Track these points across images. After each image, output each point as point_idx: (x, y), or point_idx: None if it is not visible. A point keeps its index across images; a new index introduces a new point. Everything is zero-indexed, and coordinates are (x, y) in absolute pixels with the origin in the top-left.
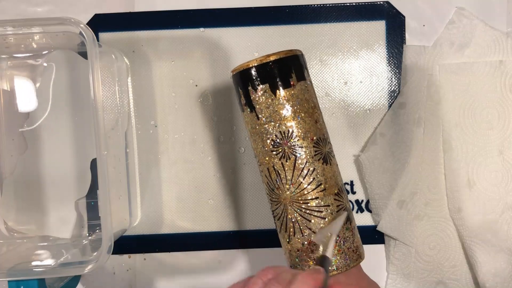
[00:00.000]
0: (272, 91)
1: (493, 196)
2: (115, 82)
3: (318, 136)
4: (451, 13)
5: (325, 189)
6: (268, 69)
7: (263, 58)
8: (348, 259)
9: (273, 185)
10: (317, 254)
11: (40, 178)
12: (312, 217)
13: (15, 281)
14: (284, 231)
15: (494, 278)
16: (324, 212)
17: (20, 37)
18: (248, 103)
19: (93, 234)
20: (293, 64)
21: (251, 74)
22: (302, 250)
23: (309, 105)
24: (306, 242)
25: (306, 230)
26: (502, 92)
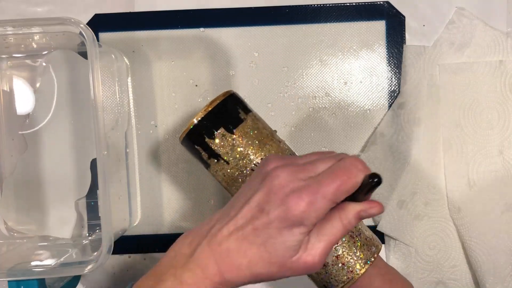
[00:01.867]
0: (229, 132)
1: (493, 196)
2: (115, 82)
3: (288, 154)
4: (451, 13)
5: None
6: (215, 115)
7: (205, 108)
8: (371, 248)
9: None
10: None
11: (40, 178)
12: None
13: (15, 281)
14: None
15: (494, 278)
16: None
17: (20, 37)
18: (211, 154)
19: (93, 234)
20: (234, 101)
21: (202, 126)
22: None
23: (267, 131)
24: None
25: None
26: (502, 92)
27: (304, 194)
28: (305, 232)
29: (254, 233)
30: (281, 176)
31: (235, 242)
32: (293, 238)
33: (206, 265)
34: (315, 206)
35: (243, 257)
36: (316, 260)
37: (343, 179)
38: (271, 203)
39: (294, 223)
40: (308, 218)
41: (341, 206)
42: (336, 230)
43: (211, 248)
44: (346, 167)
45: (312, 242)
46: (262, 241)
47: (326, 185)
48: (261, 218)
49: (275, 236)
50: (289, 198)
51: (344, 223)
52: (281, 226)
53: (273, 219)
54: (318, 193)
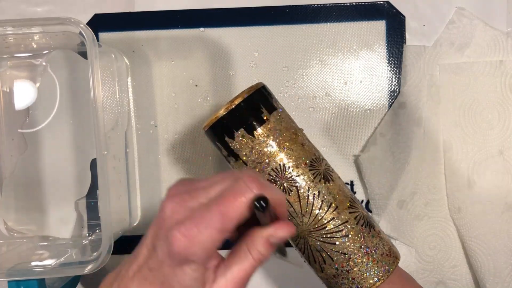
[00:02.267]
0: (249, 133)
1: (493, 196)
2: (115, 82)
3: (311, 158)
4: (451, 13)
5: (337, 206)
6: (237, 114)
7: (228, 105)
8: (386, 265)
9: None
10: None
11: (40, 178)
12: (335, 239)
13: (15, 281)
14: (314, 262)
15: (494, 278)
16: (345, 229)
17: (20, 37)
18: (230, 153)
19: (93, 234)
20: (259, 99)
21: (222, 124)
22: (338, 275)
23: (290, 132)
24: (339, 265)
25: (334, 254)
26: (502, 92)
27: (183, 227)
28: (197, 268)
29: (151, 274)
30: (168, 207)
31: (138, 284)
32: (187, 277)
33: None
34: (198, 239)
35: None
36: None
37: (229, 204)
38: (159, 239)
39: (181, 260)
40: (194, 254)
41: (248, 235)
42: (245, 264)
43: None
44: (237, 190)
45: (218, 282)
46: (160, 282)
47: (210, 213)
48: (153, 257)
49: (170, 276)
50: (170, 232)
51: (253, 254)
52: (172, 265)
53: (162, 257)
54: (200, 224)
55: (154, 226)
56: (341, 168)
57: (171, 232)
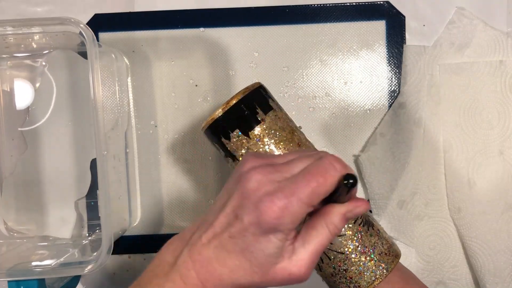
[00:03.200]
0: (245, 134)
1: (493, 196)
2: (115, 82)
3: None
4: (451, 13)
5: None
6: (232, 115)
7: (224, 105)
8: (384, 264)
9: None
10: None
11: (40, 178)
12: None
13: (15, 281)
14: None
15: (494, 278)
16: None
17: (20, 37)
18: (227, 154)
19: (93, 234)
20: (255, 99)
21: (218, 125)
22: (336, 274)
23: (286, 132)
24: (336, 264)
25: (331, 254)
26: (502, 92)
27: (277, 198)
28: (282, 238)
29: (231, 241)
30: (254, 178)
31: (214, 251)
32: (271, 245)
33: (187, 275)
34: (289, 210)
35: (223, 267)
36: (303, 271)
37: (319, 180)
38: (245, 209)
39: (269, 229)
40: (283, 224)
41: (325, 211)
42: (322, 237)
43: (192, 257)
44: (323, 167)
45: (297, 252)
46: (240, 249)
47: (300, 187)
48: (236, 225)
49: (253, 244)
50: (261, 202)
51: (330, 228)
52: (256, 233)
53: (247, 225)
54: (292, 196)
55: (236, 196)
56: None
57: (263, 202)
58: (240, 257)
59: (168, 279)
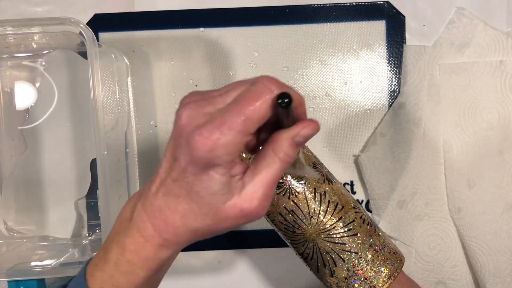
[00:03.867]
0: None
1: (493, 196)
2: (115, 82)
3: (312, 161)
4: (451, 13)
5: (343, 206)
6: None
7: None
8: (395, 262)
9: (292, 227)
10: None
11: (40, 178)
12: (345, 239)
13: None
14: (323, 266)
15: (494, 278)
16: (353, 229)
17: (20, 37)
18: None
19: (93, 234)
20: None
21: None
22: (350, 276)
23: None
24: (350, 266)
25: (345, 254)
26: (502, 92)
27: (205, 130)
28: (224, 172)
29: (175, 185)
30: (184, 114)
31: (163, 199)
32: (213, 182)
33: (144, 228)
34: (221, 141)
35: (174, 213)
36: (254, 205)
37: (252, 105)
38: (179, 148)
39: (205, 164)
40: (218, 156)
41: (272, 139)
42: (273, 167)
43: (145, 210)
44: (256, 91)
45: (247, 186)
46: (186, 192)
47: (232, 115)
48: (176, 167)
49: (195, 184)
50: (191, 138)
51: (280, 156)
52: (195, 171)
53: (185, 165)
54: (222, 126)
55: (172, 138)
56: (341, 168)
57: (192, 137)
58: (188, 200)
59: (127, 235)
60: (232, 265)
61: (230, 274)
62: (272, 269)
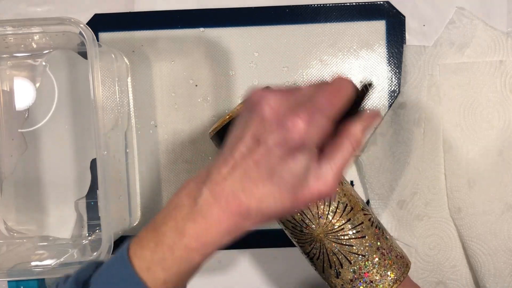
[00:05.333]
0: None
1: (493, 196)
2: (115, 82)
3: None
4: (451, 13)
5: (352, 208)
6: None
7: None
8: (401, 267)
9: (300, 226)
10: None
11: (40, 178)
12: (352, 240)
13: (15, 281)
14: (329, 267)
15: (494, 278)
16: (361, 231)
17: (20, 37)
18: None
19: (93, 234)
20: None
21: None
22: (356, 278)
23: None
24: (356, 268)
25: (352, 256)
26: (502, 92)
27: (302, 112)
28: (309, 156)
29: (256, 168)
30: (272, 100)
31: (238, 182)
32: (298, 164)
33: (211, 214)
34: (314, 123)
35: (250, 197)
36: (329, 186)
37: (335, 92)
38: (267, 130)
39: (296, 146)
40: (310, 138)
41: (344, 129)
42: (346, 152)
43: (214, 195)
44: (336, 83)
45: (324, 169)
46: (267, 175)
47: (320, 101)
48: (259, 150)
49: (279, 166)
50: (285, 119)
51: (352, 141)
52: (282, 154)
53: (272, 146)
54: (314, 109)
55: (255, 122)
56: None
57: (288, 119)
58: (268, 183)
59: (188, 220)
60: (232, 265)
61: (230, 274)
62: (272, 269)
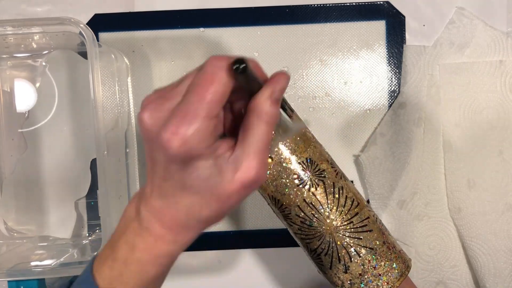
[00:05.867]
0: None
1: (493, 196)
2: (115, 82)
3: (328, 157)
4: (451, 13)
5: (359, 203)
6: None
7: None
8: (405, 261)
9: (310, 220)
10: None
11: (40, 178)
12: (361, 234)
13: (15, 281)
14: (338, 262)
15: (494, 278)
16: (368, 225)
17: (20, 37)
18: None
19: (93, 234)
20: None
21: None
22: (365, 272)
23: (307, 131)
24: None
25: (361, 249)
26: (502, 92)
27: (172, 126)
28: (206, 159)
29: (167, 184)
30: (146, 116)
31: (161, 199)
32: (201, 170)
33: (152, 228)
34: (189, 132)
35: (177, 210)
36: (252, 175)
37: (209, 88)
38: (154, 150)
39: (184, 159)
40: (193, 147)
41: (251, 105)
42: (260, 130)
43: (149, 211)
44: (207, 73)
45: (239, 158)
46: (180, 188)
47: (192, 104)
48: (159, 168)
49: (185, 177)
50: (160, 138)
51: (263, 118)
52: (180, 167)
53: (166, 164)
54: (186, 117)
55: (144, 142)
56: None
57: (161, 137)
58: (185, 194)
59: (136, 234)
60: (232, 265)
61: (230, 274)
62: (272, 269)
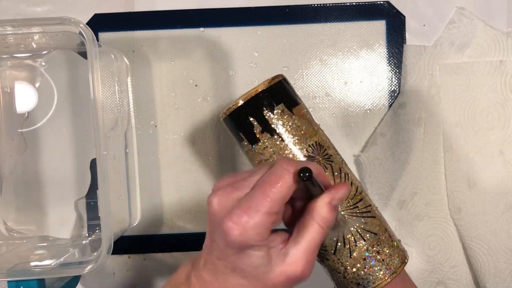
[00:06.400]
0: (289, 109)
1: (493, 196)
2: (115, 82)
3: (332, 144)
4: (452, 13)
5: (362, 190)
6: (277, 90)
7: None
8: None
9: None
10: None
11: (40, 178)
12: (366, 219)
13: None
14: (343, 246)
15: (494, 278)
16: (371, 211)
17: (20, 37)
18: (266, 128)
19: (93, 234)
20: (290, 86)
21: (264, 98)
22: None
23: (314, 120)
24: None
25: (367, 234)
26: (503, 92)
27: (235, 216)
28: (259, 250)
29: (220, 263)
30: (214, 201)
31: (212, 274)
32: (253, 258)
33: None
34: (250, 224)
35: (225, 287)
36: (299, 269)
37: (274, 187)
38: (215, 232)
39: (240, 246)
40: (251, 238)
41: (310, 207)
42: (313, 232)
43: (198, 281)
44: (275, 174)
45: (290, 253)
46: (231, 269)
47: (256, 199)
48: (216, 248)
49: (238, 262)
50: (223, 224)
51: (319, 221)
52: (234, 251)
53: (223, 247)
54: (249, 211)
55: (208, 222)
56: None
57: (224, 223)
58: (235, 275)
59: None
60: None
61: None
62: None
